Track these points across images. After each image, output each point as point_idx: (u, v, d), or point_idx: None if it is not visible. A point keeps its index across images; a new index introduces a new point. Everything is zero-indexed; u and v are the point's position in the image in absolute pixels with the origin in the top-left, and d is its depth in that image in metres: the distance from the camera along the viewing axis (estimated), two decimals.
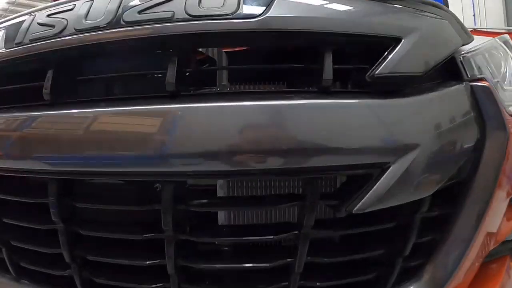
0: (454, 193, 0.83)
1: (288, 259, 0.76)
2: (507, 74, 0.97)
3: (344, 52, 0.79)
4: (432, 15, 0.81)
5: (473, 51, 0.87)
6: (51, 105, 0.75)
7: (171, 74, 0.68)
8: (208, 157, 0.68)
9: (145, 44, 0.75)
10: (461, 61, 0.83)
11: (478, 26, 9.51)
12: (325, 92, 0.71)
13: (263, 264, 0.77)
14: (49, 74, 0.75)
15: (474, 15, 9.71)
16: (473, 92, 0.80)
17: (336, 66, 0.69)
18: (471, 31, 2.19)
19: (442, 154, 0.74)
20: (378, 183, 0.68)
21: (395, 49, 0.71)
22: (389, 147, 0.69)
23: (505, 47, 1.04)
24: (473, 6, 9.72)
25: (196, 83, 0.85)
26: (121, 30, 0.72)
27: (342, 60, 0.75)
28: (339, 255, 0.80)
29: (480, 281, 0.95)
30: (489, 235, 0.90)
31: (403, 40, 0.71)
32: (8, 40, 0.84)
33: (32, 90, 0.78)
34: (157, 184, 0.77)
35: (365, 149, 0.69)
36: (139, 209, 0.78)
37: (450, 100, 0.78)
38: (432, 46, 0.78)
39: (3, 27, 0.89)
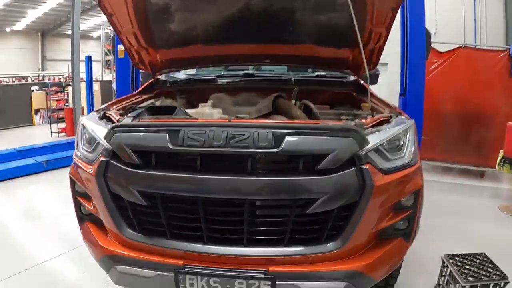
0: (353, 206, 1.85)
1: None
2: (405, 149, 2.03)
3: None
4: (344, 136, 1.83)
5: (368, 146, 1.86)
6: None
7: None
8: None
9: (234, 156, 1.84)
10: (357, 156, 1.82)
11: (478, 42, 9.93)
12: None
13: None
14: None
15: (475, 31, 10.03)
16: (361, 170, 1.81)
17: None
18: (459, 47, 5.03)
19: (348, 192, 1.82)
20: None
21: (325, 158, 1.78)
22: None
23: (408, 133, 2.08)
24: (475, 23, 10.02)
25: None
26: (228, 149, 1.79)
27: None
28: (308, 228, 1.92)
29: (378, 246, 1.99)
30: (367, 224, 1.91)
31: (329, 154, 1.79)
32: (173, 142, 1.82)
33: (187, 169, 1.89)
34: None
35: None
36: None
37: (350, 174, 1.81)
38: (342, 152, 1.79)
39: (163, 130, 1.89)
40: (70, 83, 13.20)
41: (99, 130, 2.11)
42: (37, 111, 13.66)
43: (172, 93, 3.33)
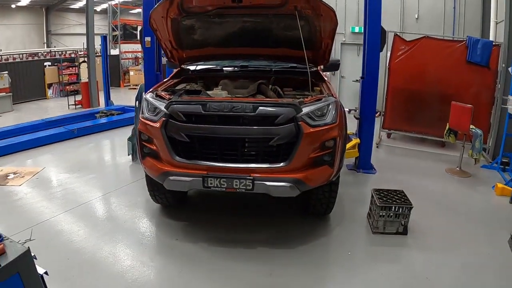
0: (293, 143, 3.39)
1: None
2: (327, 115, 3.53)
3: None
4: (288, 107, 3.43)
5: (302, 113, 3.42)
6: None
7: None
8: None
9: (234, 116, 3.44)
10: (295, 118, 3.37)
11: (456, 29, 10.99)
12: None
13: None
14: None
15: (454, 18, 11.04)
16: (298, 125, 3.37)
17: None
18: (423, 37, 7.03)
19: (290, 135, 3.37)
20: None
21: (279, 117, 3.38)
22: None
23: (330, 106, 3.60)
24: (454, 10, 11.01)
25: None
26: (231, 113, 3.40)
27: None
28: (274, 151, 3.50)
29: (313, 168, 3.52)
30: (303, 153, 3.45)
31: (280, 116, 3.39)
32: (203, 109, 3.43)
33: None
34: None
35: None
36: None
37: (291, 126, 3.37)
38: (287, 115, 3.38)
39: (198, 103, 3.50)
40: (82, 59, 14.25)
41: (159, 104, 3.64)
42: (49, 85, 14.62)
43: (194, 79, 4.88)
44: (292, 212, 4.51)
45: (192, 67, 5.10)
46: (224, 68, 5.15)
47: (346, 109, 5.16)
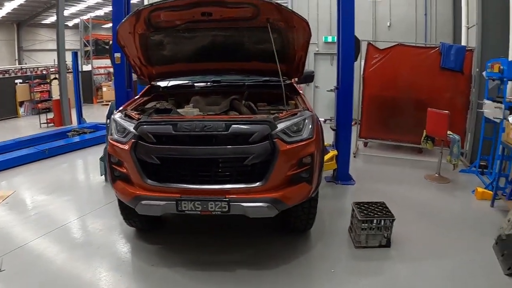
0: (269, 161, 3.23)
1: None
2: (303, 130, 3.39)
3: None
4: (263, 124, 3.26)
5: (277, 129, 3.27)
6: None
7: None
8: None
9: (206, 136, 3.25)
10: (270, 135, 3.21)
11: (428, 35, 11.12)
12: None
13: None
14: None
15: (425, 25, 11.21)
16: (273, 142, 3.19)
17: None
18: (396, 44, 6.92)
19: (265, 153, 3.20)
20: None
21: (253, 135, 3.21)
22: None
23: (306, 120, 3.46)
24: (426, 17, 11.19)
25: None
26: (203, 132, 3.21)
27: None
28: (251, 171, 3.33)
29: (291, 186, 3.36)
30: (279, 172, 3.29)
31: (255, 133, 3.21)
32: (174, 130, 3.25)
33: None
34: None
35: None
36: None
37: (267, 144, 3.20)
38: (262, 132, 3.22)
39: (169, 123, 3.29)
40: (53, 76, 13.87)
41: (128, 124, 3.46)
42: (21, 103, 14.16)
43: (165, 96, 4.71)
44: (270, 230, 4.34)
45: (164, 83, 4.93)
46: (195, 84, 4.98)
47: (322, 119, 5.07)
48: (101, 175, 6.17)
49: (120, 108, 3.96)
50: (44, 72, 15.79)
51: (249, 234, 4.27)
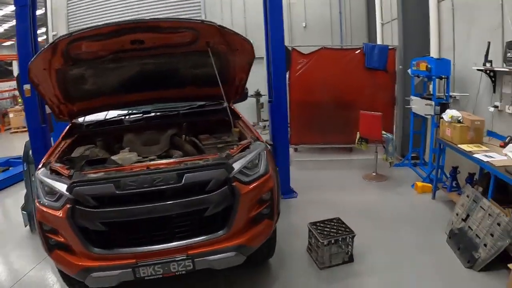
0: (230, 207, 2.92)
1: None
2: (259, 165, 3.13)
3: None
4: (219, 168, 2.90)
5: (234, 171, 2.98)
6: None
7: None
8: None
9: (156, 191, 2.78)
10: (228, 178, 2.90)
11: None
12: None
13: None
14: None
15: (340, 24, 11.59)
16: (232, 186, 2.90)
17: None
18: (320, 48, 6.99)
19: (225, 200, 2.87)
20: None
21: (209, 183, 2.85)
22: None
23: (261, 154, 3.16)
24: (340, 15, 11.56)
25: None
26: (152, 188, 2.76)
27: None
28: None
29: (254, 227, 3.08)
30: (242, 216, 2.99)
31: (211, 181, 2.86)
32: (117, 189, 2.74)
33: None
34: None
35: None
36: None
37: (225, 191, 2.89)
38: (218, 178, 2.88)
39: (110, 181, 2.75)
40: None
41: (60, 186, 2.86)
42: None
43: (91, 136, 4.13)
44: None
45: (87, 118, 4.34)
46: (124, 118, 4.44)
47: (251, 122, 4.81)
48: (26, 226, 5.38)
49: (43, 161, 3.35)
50: None
51: (208, 272, 3.97)
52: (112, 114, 4.51)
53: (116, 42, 3.32)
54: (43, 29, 12.86)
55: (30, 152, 4.94)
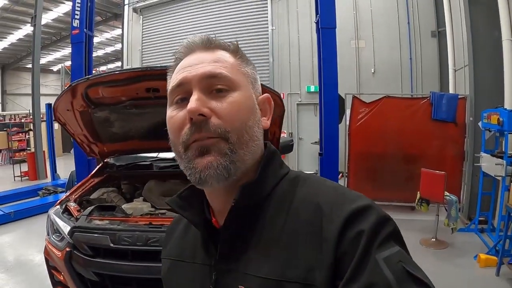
0: None
1: None
2: None
3: None
4: None
5: None
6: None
7: None
8: None
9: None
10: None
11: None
12: None
13: None
14: None
15: (411, 69, 11.00)
16: None
17: None
18: (383, 97, 6.59)
19: None
20: None
21: None
22: None
23: None
24: (411, 61, 11.00)
25: None
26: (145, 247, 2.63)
27: None
28: None
29: None
30: None
31: None
32: (112, 242, 2.69)
33: None
34: None
35: None
36: None
37: None
38: None
39: (106, 233, 2.72)
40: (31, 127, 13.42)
41: (64, 227, 2.92)
42: None
43: (119, 178, 4.19)
44: None
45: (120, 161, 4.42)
46: (155, 164, 4.43)
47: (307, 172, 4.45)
48: None
49: (64, 197, 3.40)
50: (23, 121, 15.31)
51: None
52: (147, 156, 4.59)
53: (131, 89, 3.26)
54: (118, 63, 13.83)
55: (74, 182, 5.11)
